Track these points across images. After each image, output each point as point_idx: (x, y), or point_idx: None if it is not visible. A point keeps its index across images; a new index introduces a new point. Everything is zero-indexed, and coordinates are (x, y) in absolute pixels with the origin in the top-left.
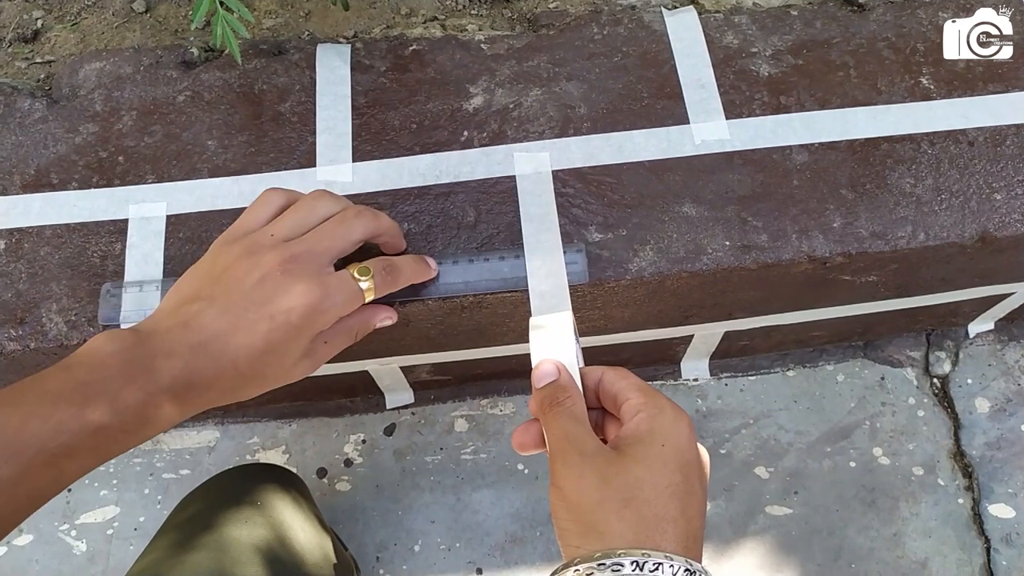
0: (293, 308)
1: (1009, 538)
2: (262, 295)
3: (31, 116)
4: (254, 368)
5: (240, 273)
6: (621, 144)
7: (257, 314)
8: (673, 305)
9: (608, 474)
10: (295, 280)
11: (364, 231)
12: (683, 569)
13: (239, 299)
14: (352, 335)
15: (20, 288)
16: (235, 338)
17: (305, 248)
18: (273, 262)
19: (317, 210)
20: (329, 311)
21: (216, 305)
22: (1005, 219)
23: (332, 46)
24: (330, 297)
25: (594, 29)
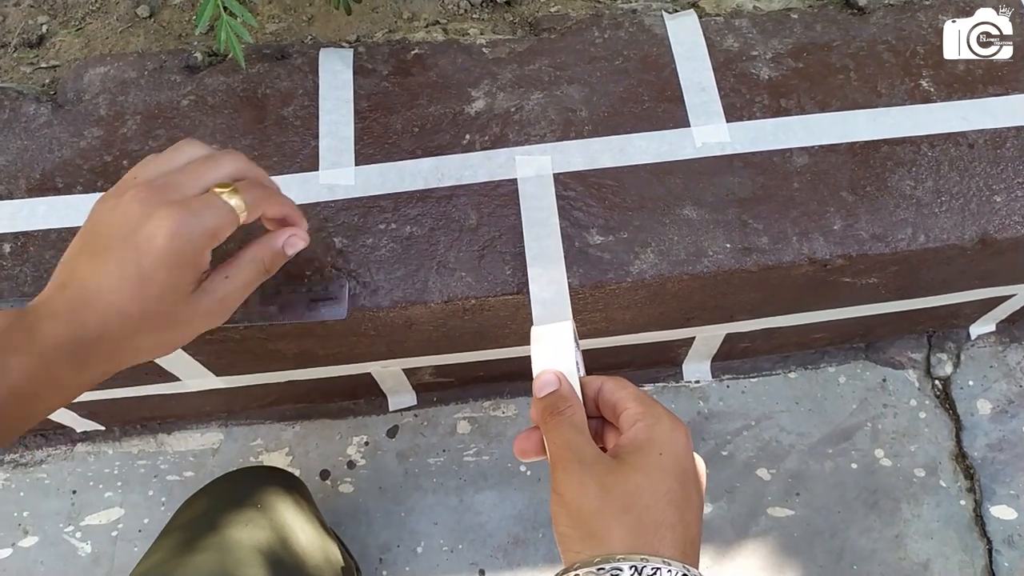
0: (155, 233)
1: (1011, 539)
2: (123, 229)
3: (36, 121)
4: (140, 307)
5: (104, 217)
6: (622, 147)
7: (122, 249)
8: (674, 307)
9: (608, 482)
10: (155, 207)
11: (233, 167)
12: (680, 574)
13: (104, 241)
14: (260, 266)
15: (26, 291)
16: (107, 280)
17: (166, 180)
18: (134, 197)
19: (182, 154)
20: (197, 231)
21: (84, 254)
22: (1005, 221)
23: (335, 50)
24: (195, 216)
25: (595, 33)
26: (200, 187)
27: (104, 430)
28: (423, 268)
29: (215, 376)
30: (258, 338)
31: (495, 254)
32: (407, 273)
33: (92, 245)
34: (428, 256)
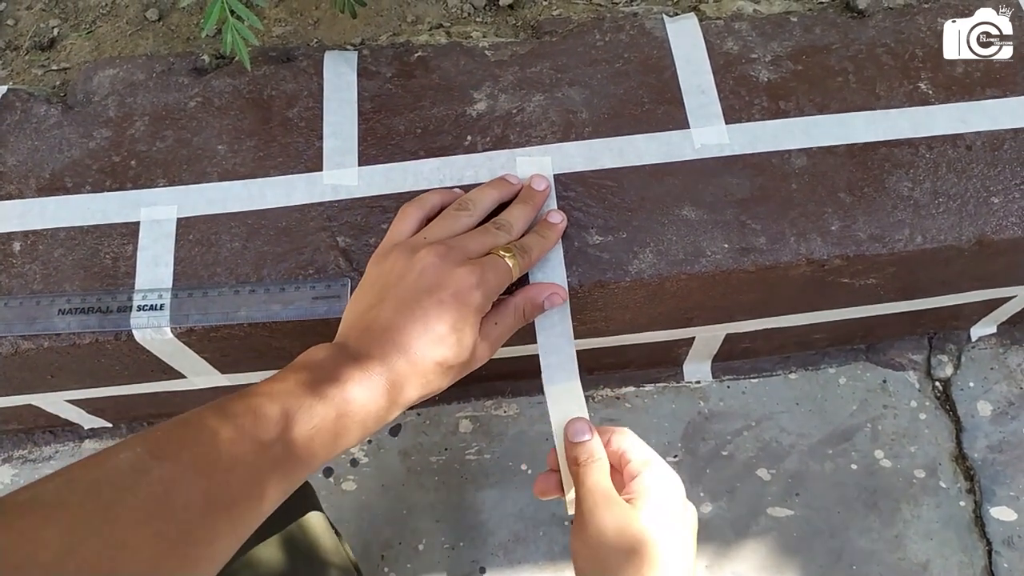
0: (459, 288)
1: (1011, 541)
2: (427, 283)
3: (47, 122)
4: (440, 352)
5: (403, 271)
6: (622, 148)
7: (428, 300)
8: (673, 307)
9: (623, 524)
10: (453, 264)
11: (498, 241)
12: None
13: (409, 293)
14: (520, 314)
15: (34, 288)
16: (415, 327)
17: (457, 243)
18: (431, 255)
19: (460, 220)
20: (488, 285)
21: (389, 304)
22: (1002, 222)
23: (339, 53)
24: (485, 273)
25: (596, 36)
26: (481, 253)
27: (111, 427)
28: None
29: (220, 374)
30: (262, 336)
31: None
32: None
33: (394, 298)
34: None
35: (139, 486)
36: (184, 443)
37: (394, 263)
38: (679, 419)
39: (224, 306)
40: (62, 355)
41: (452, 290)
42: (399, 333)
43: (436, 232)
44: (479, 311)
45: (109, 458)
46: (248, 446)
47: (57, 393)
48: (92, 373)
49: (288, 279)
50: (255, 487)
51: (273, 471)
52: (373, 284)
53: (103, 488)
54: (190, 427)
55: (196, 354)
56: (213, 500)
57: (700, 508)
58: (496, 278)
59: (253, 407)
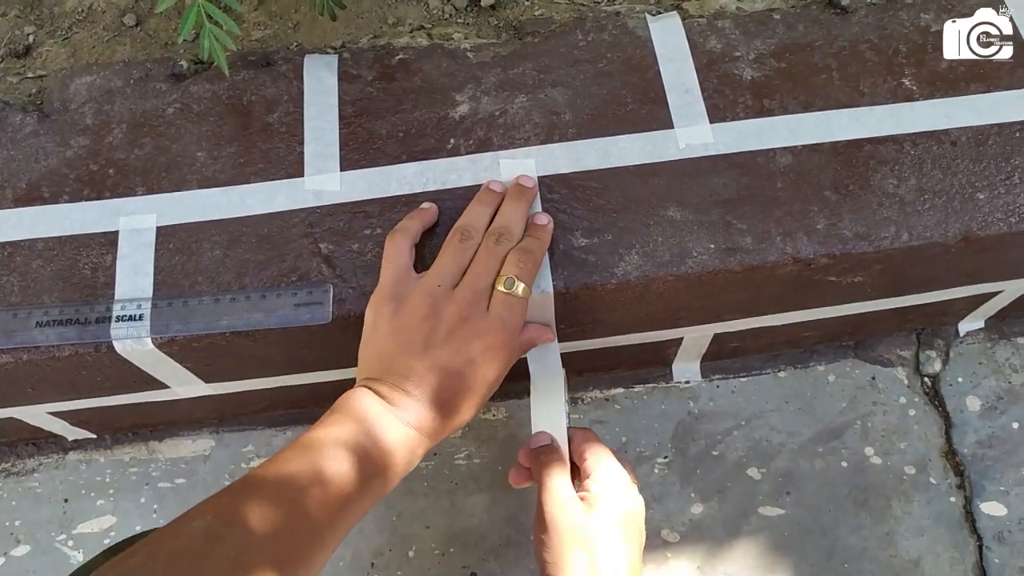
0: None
1: (1001, 536)
2: (456, 347)
3: (23, 130)
4: (473, 408)
5: (429, 330)
6: (606, 149)
7: (463, 366)
8: (661, 308)
9: (576, 524)
10: (473, 323)
11: (507, 247)
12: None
13: (441, 354)
14: (523, 349)
15: (12, 300)
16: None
17: (471, 290)
18: (453, 315)
19: (467, 252)
20: (509, 335)
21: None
22: (988, 218)
23: (319, 56)
24: (504, 321)
25: (579, 36)
26: (492, 278)
27: (95, 438)
28: None
29: (204, 383)
30: (245, 344)
31: None
32: None
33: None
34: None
35: (215, 553)
36: (251, 508)
37: (419, 318)
38: (669, 419)
39: (205, 315)
40: (42, 368)
41: (480, 348)
42: (439, 395)
43: (448, 274)
44: (503, 360)
45: (184, 528)
46: (309, 506)
47: (39, 405)
48: (73, 385)
49: (270, 287)
50: (315, 542)
51: (331, 526)
52: (396, 334)
53: (184, 558)
54: (254, 491)
55: (178, 364)
56: (280, 560)
57: (691, 508)
58: (513, 317)
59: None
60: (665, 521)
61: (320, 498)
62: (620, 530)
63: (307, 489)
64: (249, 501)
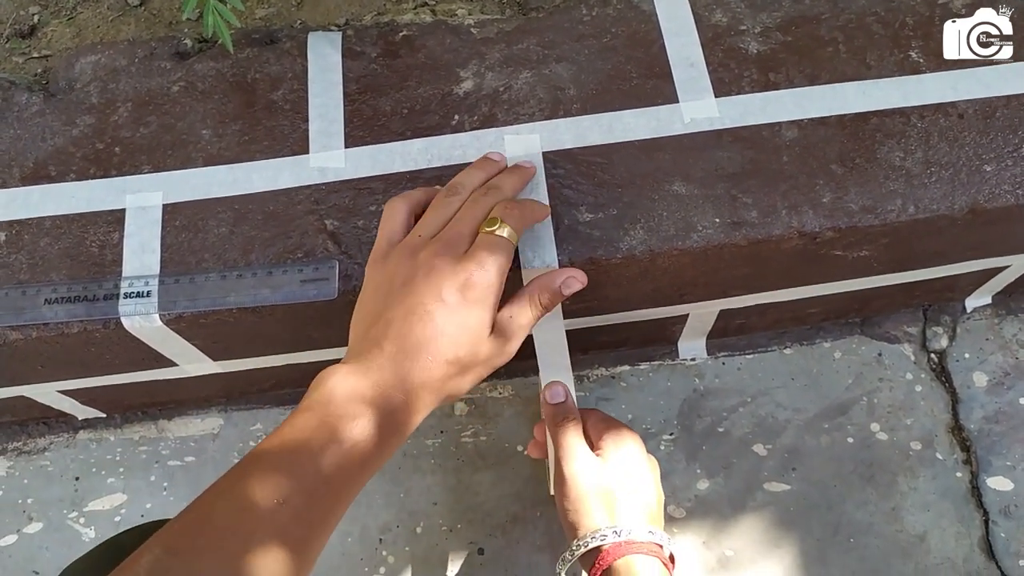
0: (461, 283)
1: (1007, 510)
2: (427, 286)
3: (29, 110)
4: (452, 352)
5: (406, 276)
6: (611, 124)
7: (432, 303)
8: (666, 283)
9: (592, 471)
10: (454, 260)
11: (494, 199)
12: (647, 531)
13: (415, 298)
14: (539, 306)
15: (21, 278)
16: (423, 332)
17: (452, 232)
18: (431, 255)
19: (452, 205)
20: (493, 278)
21: (397, 312)
22: (995, 190)
23: (323, 34)
24: (482, 259)
25: (583, 10)
26: (475, 227)
27: (105, 417)
28: None
29: (212, 361)
30: (252, 320)
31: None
32: None
33: (399, 306)
34: None
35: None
36: (199, 531)
37: (396, 267)
38: (675, 397)
39: (212, 292)
40: (51, 345)
41: (455, 286)
42: (408, 341)
43: (431, 225)
44: (485, 301)
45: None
46: (263, 517)
47: (48, 384)
48: (82, 362)
49: (276, 263)
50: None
51: (287, 533)
52: (376, 290)
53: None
54: (203, 513)
55: (186, 341)
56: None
57: (696, 484)
58: (495, 257)
59: (264, 475)
60: (671, 497)
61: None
62: (635, 479)
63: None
64: (198, 524)
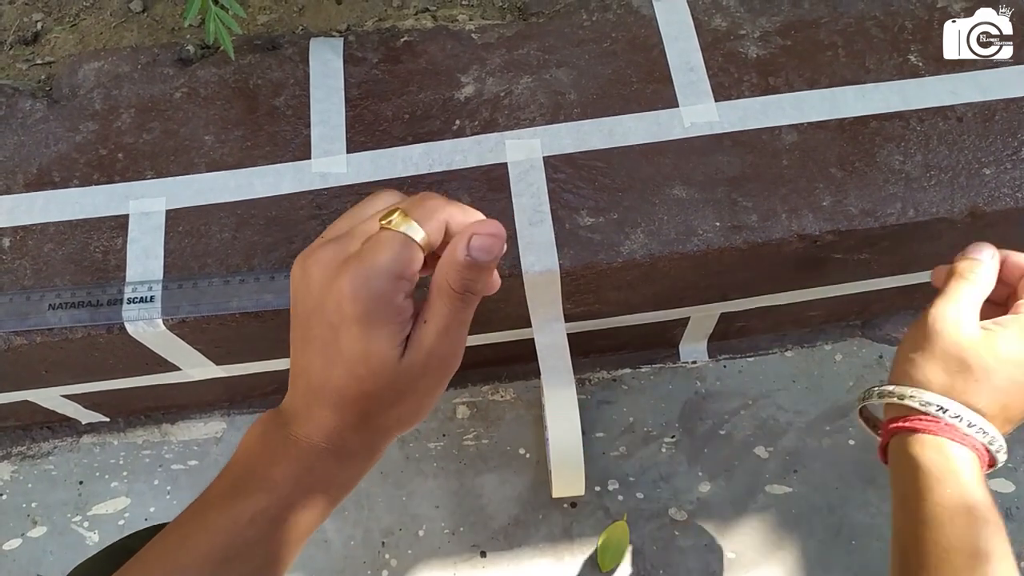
0: (339, 301)
1: (1009, 512)
2: (313, 302)
3: (32, 116)
4: (358, 388)
5: (298, 291)
6: (611, 129)
7: (320, 327)
8: (666, 287)
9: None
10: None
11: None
12: (979, 428)
13: (303, 319)
14: (450, 293)
15: (25, 284)
16: (321, 367)
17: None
18: (316, 261)
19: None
20: (375, 280)
21: (297, 338)
22: (995, 193)
23: (325, 40)
24: (368, 265)
25: (583, 16)
26: (372, 228)
27: (109, 421)
28: None
29: (215, 365)
30: (254, 325)
31: None
32: None
33: (299, 326)
34: None
35: None
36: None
37: (294, 277)
38: (676, 399)
39: (215, 297)
40: (55, 350)
41: (334, 305)
42: (312, 378)
43: (338, 227)
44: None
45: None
46: None
47: (53, 388)
48: (86, 367)
49: (279, 268)
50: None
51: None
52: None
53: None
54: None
55: (189, 346)
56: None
57: (698, 487)
58: (388, 257)
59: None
60: (673, 500)
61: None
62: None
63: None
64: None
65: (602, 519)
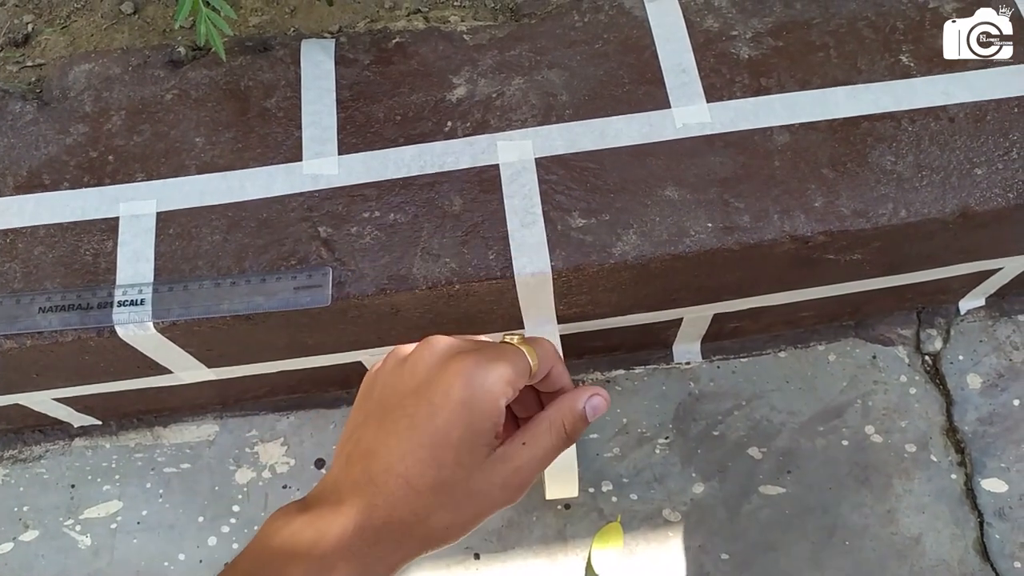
0: (451, 383)
1: (1002, 512)
2: (414, 383)
3: (22, 118)
4: (433, 476)
5: (390, 378)
6: (603, 130)
7: (414, 406)
8: (659, 288)
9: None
10: (448, 358)
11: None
12: None
13: (392, 400)
14: (560, 432)
15: (15, 287)
16: (396, 446)
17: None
18: (424, 348)
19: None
20: (493, 377)
21: (372, 419)
22: (986, 194)
23: (316, 41)
24: (491, 363)
25: (575, 17)
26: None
27: (101, 424)
28: (407, 255)
29: (207, 368)
30: (246, 328)
31: (478, 239)
32: (391, 260)
33: (381, 407)
34: (412, 243)
35: None
36: None
37: (387, 369)
38: (670, 400)
39: (206, 299)
40: (46, 353)
41: (443, 387)
42: (375, 458)
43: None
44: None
45: None
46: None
47: (44, 392)
48: (77, 370)
49: (270, 270)
50: None
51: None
52: (365, 397)
53: None
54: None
55: (180, 348)
56: None
57: (692, 488)
58: (510, 365)
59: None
60: (666, 501)
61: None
62: None
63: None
64: None
65: (596, 520)
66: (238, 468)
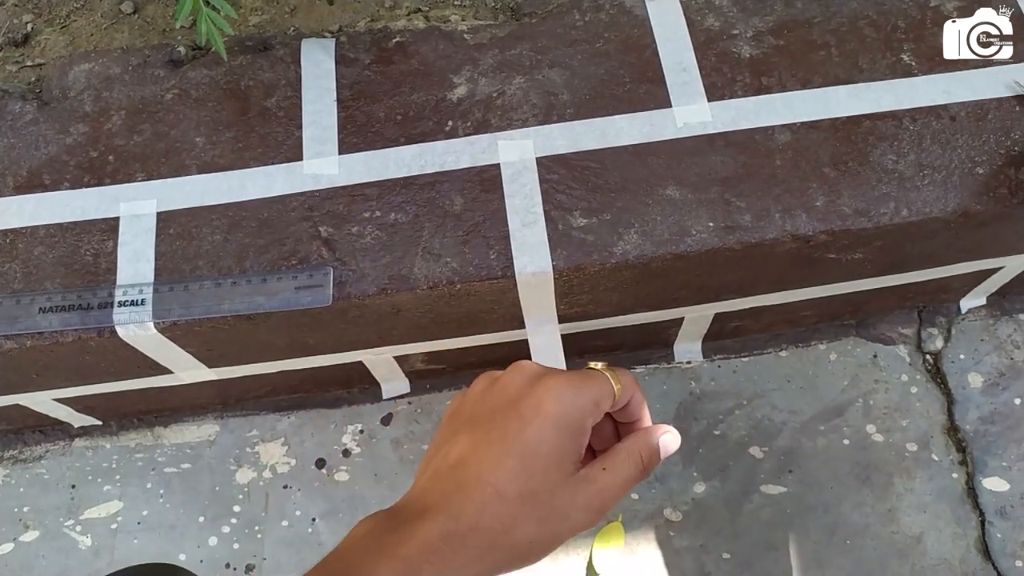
0: (542, 398)
1: (1003, 511)
2: (505, 399)
3: (22, 118)
4: (521, 485)
5: (481, 395)
6: (604, 129)
7: (504, 419)
8: (660, 288)
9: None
10: (539, 377)
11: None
12: None
13: (484, 413)
14: (638, 462)
15: (15, 287)
16: (487, 455)
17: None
18: (514, 371)
19: None
20: (582, 398)
21: (463, 432)
22: (987, 193)
23: (317, 41)
24: (579, 384)
25: (576, 16)
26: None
27: (101, 424)
28: (408, 254)
29: (207, 368)
30: (246, 328)
31: (479, 239)
32: (392, 260)
33: (470, 423)
34: (413, 242)
35: None
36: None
37: (477, 389)
38: (671, 400)
39: (207, 299)
40: (46, 354)
41: (534, 401)
42: (466, 466)
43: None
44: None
45: None
46: None
47: (44, 392)
48: (78, 371)
49: (271, 270)
50: None
51: None
52: (456, 413)
53: None
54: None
55: (181, 348)
56: None
57: (693, 487)
58: (597, 388)
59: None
60: (668, 500)
61: None
62: None
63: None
64: None
65: None
66: (239, 468)
